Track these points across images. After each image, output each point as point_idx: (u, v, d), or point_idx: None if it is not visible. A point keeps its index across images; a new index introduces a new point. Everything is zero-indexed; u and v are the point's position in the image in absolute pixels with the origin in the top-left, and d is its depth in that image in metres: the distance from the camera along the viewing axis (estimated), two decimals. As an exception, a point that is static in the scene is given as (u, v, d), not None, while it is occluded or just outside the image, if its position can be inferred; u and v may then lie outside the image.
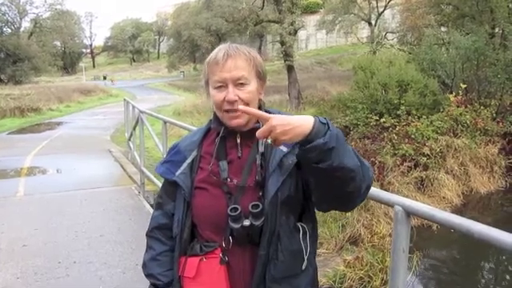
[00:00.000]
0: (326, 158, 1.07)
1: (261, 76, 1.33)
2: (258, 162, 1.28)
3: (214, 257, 1.30)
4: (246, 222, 1.24)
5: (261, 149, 1.29)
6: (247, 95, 1.28)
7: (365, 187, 1.20)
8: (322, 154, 1.06)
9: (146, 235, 1.52)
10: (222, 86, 1.28)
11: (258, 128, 1.19)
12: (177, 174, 1.38)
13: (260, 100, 1.36)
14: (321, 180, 1.15)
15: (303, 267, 1.33)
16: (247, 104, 1.27)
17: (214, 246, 1.31)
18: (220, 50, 1.31)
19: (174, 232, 1.40)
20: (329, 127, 1.08)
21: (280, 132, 1.07)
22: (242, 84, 1.28)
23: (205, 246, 1.32)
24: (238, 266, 1.30)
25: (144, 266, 1.49)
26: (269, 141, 1.07)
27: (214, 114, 1.39)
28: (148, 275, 1.47)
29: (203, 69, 1.36)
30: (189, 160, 1.39)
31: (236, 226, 1.24)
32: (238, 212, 1.24)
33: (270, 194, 1.24)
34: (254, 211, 1.23)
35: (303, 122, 1.08)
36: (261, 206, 1.23)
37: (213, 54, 1.33)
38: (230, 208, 1.25)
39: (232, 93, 1.27)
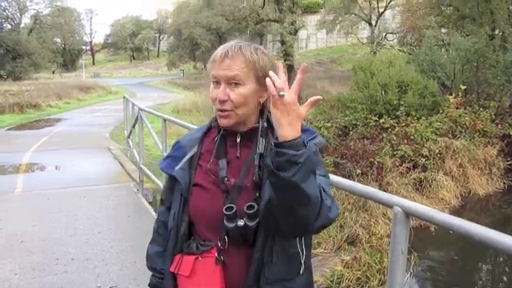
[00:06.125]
0: (288, 169, 1.07)
1: (261, 80, 1.24)
2: (257, 162, 1.27)
3: (209, 256, 1.29)
4: (241, 222, 1.23)
5: (260, 149, 1.28)
6: (237, 97, 1.26)
7: (318, 225, 1.18)
8: (287, 163, 1.07)
9: (154, 228, 1.55)
10: (217, 82, 1.29)
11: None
12: (176, 168, 1.38)
13: (264, 104, 1.33)
14: (276, 192, 1.13)
15: (301, 271, 1.32)
16: (236, 106, 1.26)
17: (210, 245, 1.30)
18: (222, 48, 1.30)
19: (170, 226, 1.40)
20: (305, 147, 1.09)
21: (286, 105, 1.08)
22: (235, 84, 1.26)
23: (201, 245, 1.31)
24: (233, 266, 1.29)
25: (148, 258, 1.52)
26: (282, 93, 1.08)
27: None
28: (152, 268, 1.50)
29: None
30: (188, 156, 1.39)
31: (230, 225, 1.23)
32: (233, 211, 1.23)
33: (267, 195, 1.18)
34: (248, 212, 1.22)
35: (295, 127, 1.09)
36: (256, 207, 1.22)
37: (215, 51, 1.33)
38: (225, 207, 1.24)
39: (222, 92, 1.26)
